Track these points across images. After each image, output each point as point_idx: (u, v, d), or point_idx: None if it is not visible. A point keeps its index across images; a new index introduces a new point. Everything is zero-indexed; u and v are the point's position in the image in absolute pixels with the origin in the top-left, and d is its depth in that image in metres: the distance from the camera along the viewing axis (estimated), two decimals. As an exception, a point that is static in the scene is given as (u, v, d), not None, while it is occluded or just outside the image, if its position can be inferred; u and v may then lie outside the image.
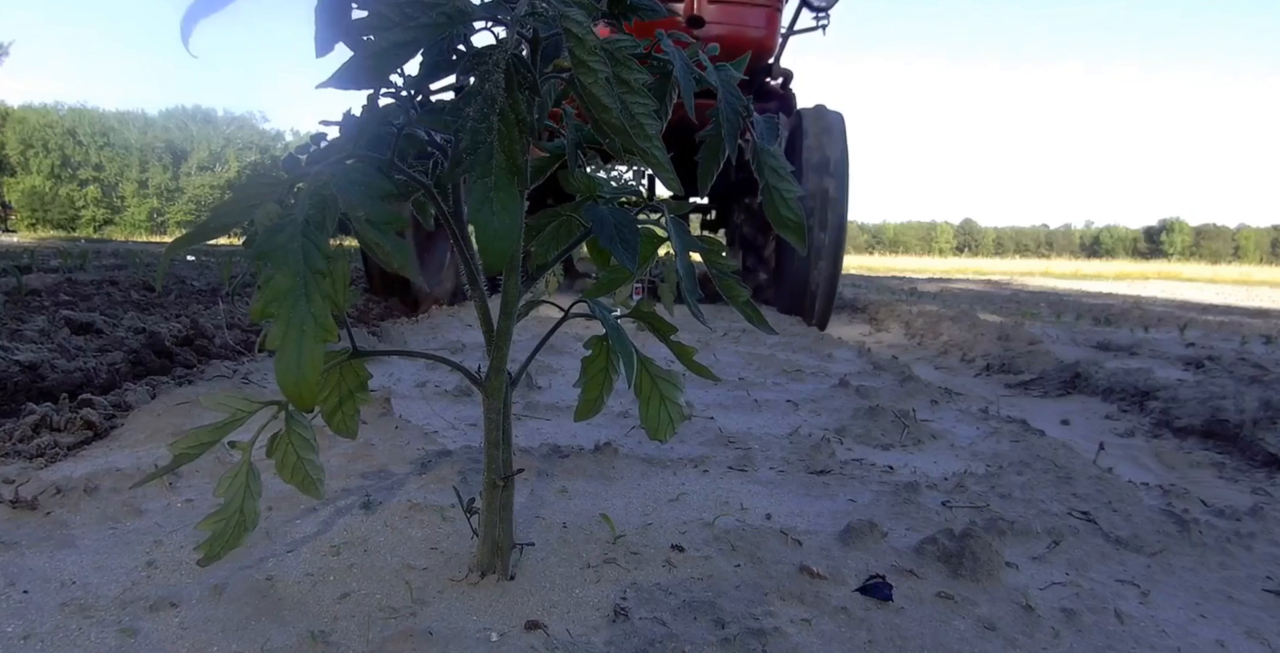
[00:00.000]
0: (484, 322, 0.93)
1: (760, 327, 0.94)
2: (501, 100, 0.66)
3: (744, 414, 2.06)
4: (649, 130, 0.73)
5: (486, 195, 0.66)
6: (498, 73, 0.66)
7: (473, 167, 0.66)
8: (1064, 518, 1.31)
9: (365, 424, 1.63)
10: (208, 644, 0.84)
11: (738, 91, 0.85)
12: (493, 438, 0.95)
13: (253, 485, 0.88)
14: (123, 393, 1.88)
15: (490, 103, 0.66)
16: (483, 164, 0.66)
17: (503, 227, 0.66)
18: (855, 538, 1.14)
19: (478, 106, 0.66)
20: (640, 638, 0.88)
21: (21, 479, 1.27)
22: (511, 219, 0.67)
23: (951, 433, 1.91)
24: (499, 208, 0.66)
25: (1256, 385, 2.68)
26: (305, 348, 0.60)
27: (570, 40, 0.67)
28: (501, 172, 0.66)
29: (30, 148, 40.64)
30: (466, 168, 0.66)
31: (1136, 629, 0.96)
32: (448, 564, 1.03)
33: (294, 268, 0.60)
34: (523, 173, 0.68)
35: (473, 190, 0.66)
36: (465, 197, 0.75)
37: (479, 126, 0.66)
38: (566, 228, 1.00)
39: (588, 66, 0.68)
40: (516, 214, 0.67)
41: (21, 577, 0.97)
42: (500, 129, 0.66)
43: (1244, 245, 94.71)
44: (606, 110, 0.70)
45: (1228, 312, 7.57)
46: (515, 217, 0.67)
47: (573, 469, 1.41)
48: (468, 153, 0.66)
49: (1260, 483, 1.85)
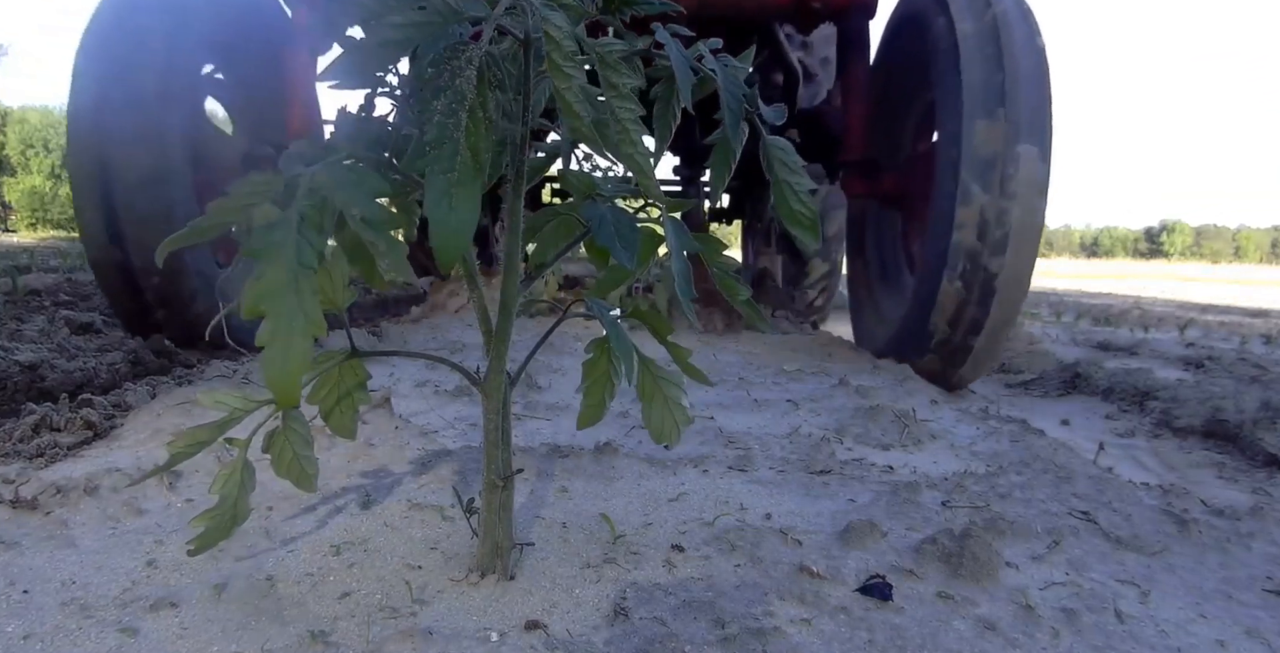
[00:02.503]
0: (483, 322, 0.93)
1: (760, 326, 0.94)
2: (471, 97, 0.66)
3: (744, 414, 2.06)
4: (634, 136, 0.73)
5: (446, 190, 0.65)
6: (470, 69, 0.66)
7: (436, 161, 0.65)
8: (1064, 518, 1.31)
9: (365, 424, 1.63)
10: (208, 644, 0.84)
11: (740, 81, 0.84)
12: (492, 438, 0.95)
13: (247, 480, 0.89)
14: (123, 393, 1.88)
15: (460, 99, 0.65)
16: (446, 159, 0.65)
17: (460, 223, 0.66)
18: (855, 538, 1.14)
19: (446, 101, 0.65)
20: (640, 638, 0.88)
21: (21, 479, 1.27)
22: (469, 216, 0.66)
23: (951, 433, 1.91)
24: (457, 204, 0.66)
25: (1256, 385, 2.68)
26: (293, 344, 0.60)
27: (548, 44, 0.67)
28: (465, 168, 0.66)
29: (30, 148, 40.61)
30: (429, 162, 0.65)
31: (1136, 629, 0.96)
32: (448, 564, 1.03)
33: (285, 265, 0.60)
34: (484, 171, 0.68)
35: (431, 185, 0.65)
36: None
37: (446, 121, 0.65)
38: (565, 227, 1.00)
39: (562, 72, 0.68)
40: (474, 211, 0.66)
41: (22, 577, 0.97)
42: (468, 125, 0.66)
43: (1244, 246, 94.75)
44: (577, 117, 0.69)
45: (1227, 312, 7.57)
46: (473, 214, 0.66)
47: (573, 469, 1.41)
48: (432, 146, 0.65)
49: (1260, 483, 1.84)
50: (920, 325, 2.62)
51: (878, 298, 3.50)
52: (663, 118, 0.86)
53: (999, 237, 2.36)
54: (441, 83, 0.66)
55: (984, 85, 2.39)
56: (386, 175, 0.77)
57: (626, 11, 0.80)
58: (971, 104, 2.40)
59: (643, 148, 0.74)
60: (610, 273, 1.03)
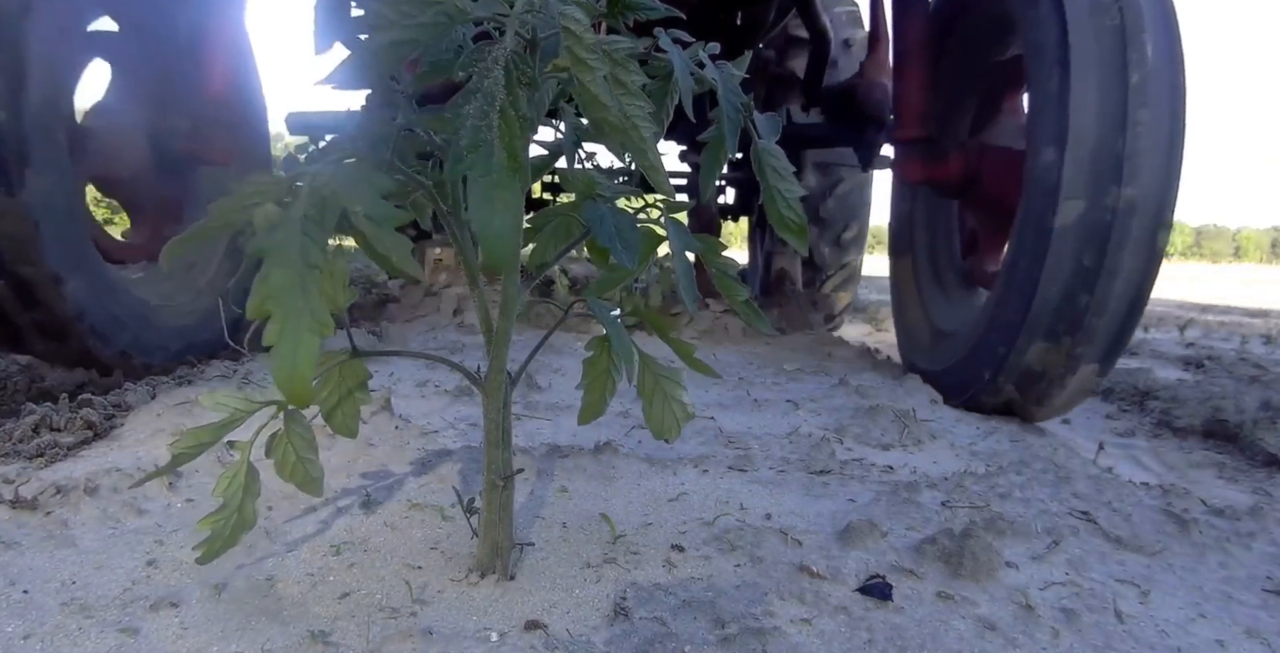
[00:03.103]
0: (483, 322, 0.93)
1: (759, 326, 0.94)
2: (502, 97, 0.66)
3: (744, 414, 2.06)
4: (644, 132, 0.73)
5: (489, 194, 0.66)
6: (497, 69, 0.66)
7: (474, 164, 0.65)
8: (1064, 518, 1.31)
9: (365, 424, 1.63)
10: (208, 644, 0.84)
11: (738, 89, 0.85)
12: (493, 438, 0.95)
13: (251, 485, 0.88)
14: (123, 393, 1.88)
15: (490, 100, 0.66)
16: (484, 162, 0.65)
17: (505, 225, 0.66)
18: (855, 538, 1.14)
19: (478, 104, 0.66)
20: (640, 638, 0.88)
21: (21, 479, 1.27)
22: (514, 217, 0.67)
23: (951, 432, 1.91)
24: (501, 206, 0.66)
25: (1256, 385, 2.68)
26: (301, 344, 0.60)
27: (569, 38, 0.67)
28: (503, 169, 0.66)
29: (30, 148, 40.57)
30: (468, 166, 0.66)
31: (1136, 629, 0.97)
32: (448, 564, 1.03)
33: (291, 264, 0.60)
34: (524, 170, 0.68)
35: (473, 189, 0.66)
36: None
37: (479, 124, 0.65)
38: (565, 227, 1.00)
39: (586, 64, 0.68)
40: (518, 212, 0.67)
41: (22, 577, 0.97)
42: (501, 126, 0.66)
43: (1244, 246, 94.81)
44: (605, 109, 0.70)
45: (1227, 312, 7.57)
46: (517, 215, 0.67)
47: (573, 469, 1.41)
48: (469, 151, 0.65)
49: (1260, 483, 1.85)
50: (998, 350, 2.07)
51: (928, 306, 2.90)
52: (656, 115, 0.86)
53: (1120, 242, 1.81)
54: (471, 86, 0.66)
55: (1101, 36, 1.78)
56: (390, 174, 0.77)
57: (629, 15, 0.80)
58: (1083, 64, 1.79)
59: (654, 145, 0.74)
60: (610, 273, 1.03)
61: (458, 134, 0.66)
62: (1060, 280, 1.89)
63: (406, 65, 0.78)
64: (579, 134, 0.92)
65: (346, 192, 0.63)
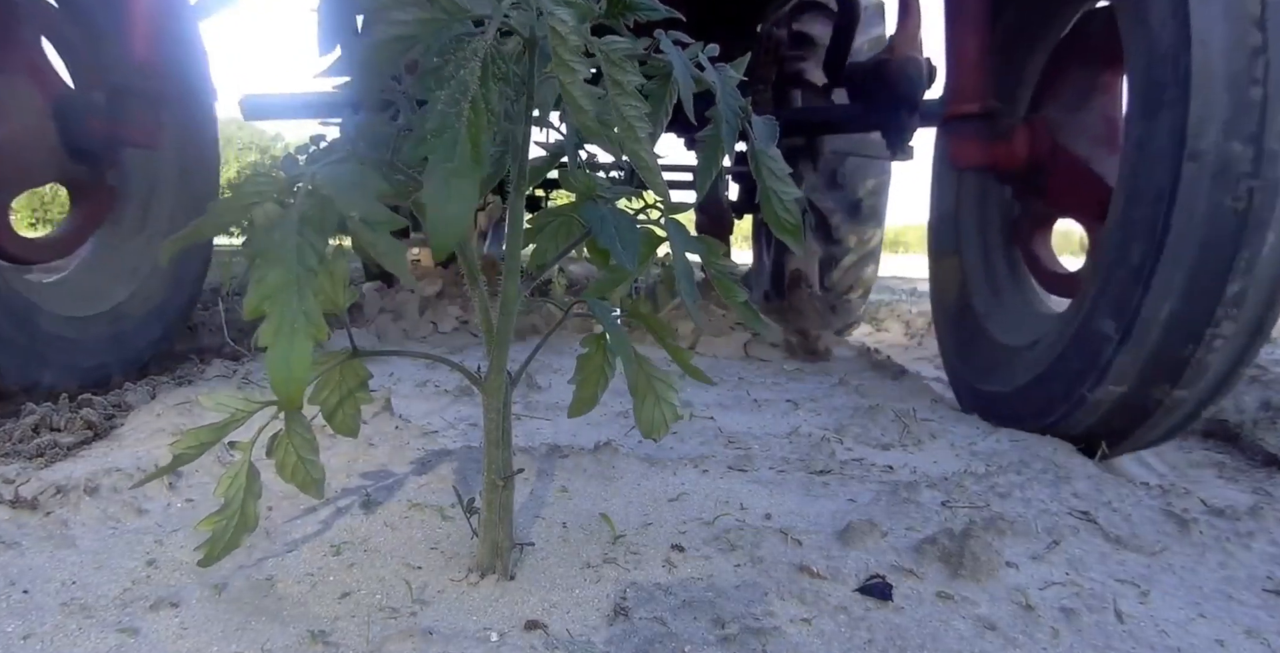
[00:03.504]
0: (483, 322, 0.94)
1: (758, 327, 0.94)
2: (475, 89, 0.66)
3: (743, 414, 2.06)
4: (640, 133, 0.73)
5: (446, 180, 0.65)
6: (474, 61, 0.66)
7: (436, 149, 0.65)
8: (1063, 517, 1.31)
9: (365, 424, 1.63)
10: (208, 644, 0.84)
11: (736, 92, 0.85)
12: (493, 438, 0.95)
13: (252, 486, 0.88)
14: (123, 393, 1.88)
15: (463, 89, 0.66)
16: (447, 148, 0.65)
17: (456, 212, 0.66)
18: (855, 537, 1.14)
19: (450, 91, 0.66)
20: (640, 637, 0.88)
21: (21, 479, 1.27)
22: (466, 206, 0.66)
23: (951, 432, 1.91)
24: (456, 194, 0.66)
25: (1256, 385, 2.68)
26: (295, 345, 0.60)
27: (554, 39, 0.67)
28: (465, 159, 0.66)
29: (30, 148, 40.60)
30: (429, 149, 0.65)
31: (1136, 629, 0.97)
32: (448, 564, 1.03)
33: (287, 265, 0.60)
34: (484, 163, 0.68)
35: (431, 173, 0.66)
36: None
37: (448, 111, 0.65)
38: (566, 228, 1.00)
39: (568, 66, 0.68)
40: (471, 202, 0.67)
41: (22, 577, 0.97)
42: (470, 117, 0.66)
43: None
44: (583, 112, 0.70)
45: (1228, 311, 7.55)
46: (470, 204, 0.67)
47: (573, 469, 1.41)
48: (433, 135, 0.65)
49: (1260, 483, 1.85)
50: (1080, 376, 1.70)
51: (981, 316, 2.37)
52: (654, 115, 0.86)
53: (1256, 247, 1.40)
54: (446, 73, 0.66)
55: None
56: (388, 176, 0.77)
57: (629, 16, 0.80)
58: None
59: (649, 145, 0.74)
60: (610, 273, 1.03)
61: (425, 117, 0.66)
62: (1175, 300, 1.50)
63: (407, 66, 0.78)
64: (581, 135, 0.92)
65: (342, 196, 0.63)
